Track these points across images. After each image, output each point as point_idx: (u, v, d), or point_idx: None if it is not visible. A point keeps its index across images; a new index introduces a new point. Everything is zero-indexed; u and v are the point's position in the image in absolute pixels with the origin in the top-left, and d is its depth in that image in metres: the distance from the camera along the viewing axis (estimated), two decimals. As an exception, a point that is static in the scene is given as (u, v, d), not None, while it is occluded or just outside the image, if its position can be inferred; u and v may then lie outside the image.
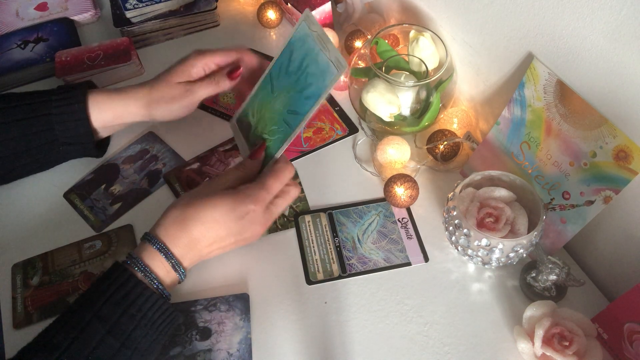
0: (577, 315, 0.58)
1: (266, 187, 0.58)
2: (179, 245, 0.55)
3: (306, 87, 0.57)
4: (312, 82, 0.56)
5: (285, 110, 0.59)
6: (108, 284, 0.52)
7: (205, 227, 0.55)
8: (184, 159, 0.77)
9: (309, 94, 0.57)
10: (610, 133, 0.54)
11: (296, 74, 0.58)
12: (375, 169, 0.75)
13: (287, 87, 0.60)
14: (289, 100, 0.59)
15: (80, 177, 0.75)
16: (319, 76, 0.56)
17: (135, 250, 0.55)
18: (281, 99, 0.60)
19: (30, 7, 0.97)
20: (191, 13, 0.92)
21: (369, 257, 0.67)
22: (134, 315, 0.51)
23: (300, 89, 0.58)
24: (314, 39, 0.56)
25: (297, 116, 0.58)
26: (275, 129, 0.60)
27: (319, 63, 0.56)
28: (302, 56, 0.58)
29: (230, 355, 0.59)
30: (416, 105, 0.75)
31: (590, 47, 0.52)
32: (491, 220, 0.61)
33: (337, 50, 0.54)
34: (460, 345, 0.60)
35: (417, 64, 0.74)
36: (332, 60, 0.54)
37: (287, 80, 0.60)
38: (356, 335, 0.61)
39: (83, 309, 0.50)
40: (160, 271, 0.54)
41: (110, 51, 0.85)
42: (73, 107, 0.66)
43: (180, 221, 0.55)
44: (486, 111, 0.74)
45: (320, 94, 0.55)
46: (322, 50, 0.55)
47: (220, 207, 0.55)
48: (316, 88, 0.56)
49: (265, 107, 0.62)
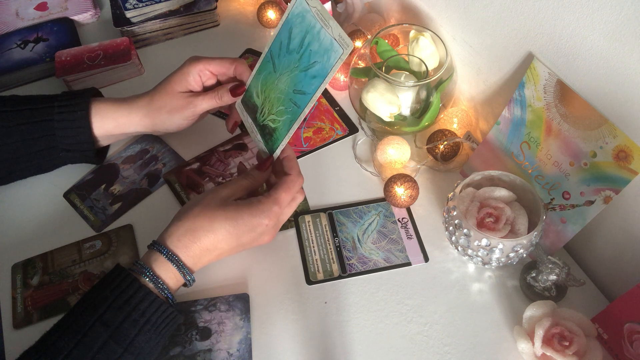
0: (577, 315, 0.58)
1: (279, 202, 0.58)
2: (190, 255, 0.55)
3: (310, 65, 0.55)
4: (316, 61, 0.55)
5: (291, 90, 0.58)
6: (112, 288, 0.51)
7: (217, 239, 0.55)
8: (184, 159, 0.77)
9: (315, 72, 0.55)
10: (610, 133, 0.54)
11: (298, 52, 0.57)
12: (375, 169, 0.75)
13: (290, 65, 0.58)
14: (294, 80, 0.57)
15: (80, 177, 0.75)
16: (322, 54, 0.54)
17: (143, 258, 0.55)
18: (285, 78, 0.58)
19: (30, 7, 0.97)
20: (191, 13, 0.92)
21: (369, 257, 0.67)
22: (137, 320, 0.50)
23: (305, 68, 0.56)
24: (314, 15, 0.54)
25: (305, 96, 0.56)
26: (283, 109, 0.59)
27: (322, 41, 0.54)
28: (302, 33, 0.56)
29: (230, 355, 0.59)
30: (416, 105, 0.75)
31: (590, 47, 0.52)
32: (491, 220, 0.61)
33: (339, 27, 0.52)
34: (460, 345, 0.60)
35: (417, 64, 0.74)
36: (336, 37, 0.52)
37: (289, 59, 0.58)
38: (356, 335, 0.61)
39: (86, 313, 0.50)
40: (170, 281, 0.54)
41: (110, 51, 0.85)
42: (75, 114, 0.66)
43: (192, 231, 0.55)
44: (486, 111, 0.74)
45: (326, 74, 0.54)
46: (324, 27, 0.53)
47: (233, 221, 0.55)
48: (321, 67, 0.54)
49: (270, 87, 0.61)
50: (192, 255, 0.55)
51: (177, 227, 0.56)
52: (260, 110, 0.62)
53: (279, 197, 0.58)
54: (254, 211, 0.56)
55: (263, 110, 0.62)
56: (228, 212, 0.56)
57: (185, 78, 0.67)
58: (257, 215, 0.56)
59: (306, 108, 0.56)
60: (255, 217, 0.56)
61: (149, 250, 0.56)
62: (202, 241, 0.55)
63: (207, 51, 0.91)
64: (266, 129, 0.62)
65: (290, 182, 0.59)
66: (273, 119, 0.60)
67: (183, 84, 0.67)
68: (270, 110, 0.61)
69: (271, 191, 0.58)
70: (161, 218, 0.70)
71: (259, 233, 0.57)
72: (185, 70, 0.67)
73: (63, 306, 0.63)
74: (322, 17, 0.54)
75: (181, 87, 0.67)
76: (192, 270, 0.56)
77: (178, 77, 0.67)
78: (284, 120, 0.59)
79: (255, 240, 0.58)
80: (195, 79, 0.67)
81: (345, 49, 0.52)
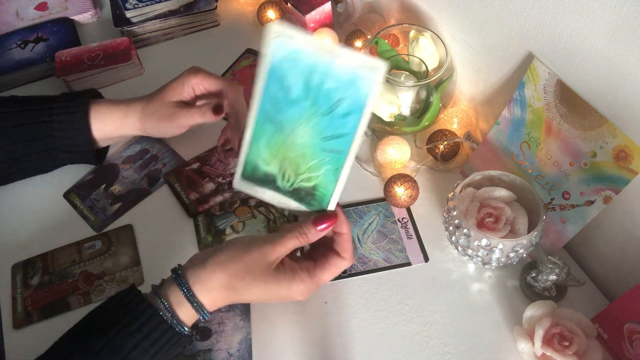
0: (577, 315, 0.58)
1: (319, 283, 0.51)
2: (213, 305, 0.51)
3: (335, 105, 0.48)
4: (341, 97, 0.47)
5: (318, 140, 0.49)
6: (124, 312, 0.49)
7: (247, 299, 0.52)
8: (184, 159, 0.77)
9: (345, 110, 0.47)
10: (610, 133, 0.54)
11: (307, 99, 0.48)
12: (375, 169, 0.75)
13: (303, 116, 0.49)
14: (318, 127, 0.49)
15: (80, 177, 0.75)
16: (347, 88, 0.46)
17: (163, 291, 0.51)
18: (303, 131, 0.50)
19: (30, 7, 0.97)
20: (191, 13, 0.92)
21: (369, 257, 0.67)
22: (147, 350, 0.48)
23: (327, 111, 0.48)
24: (313, 52, 0.46)
25: (343, 138, 0.48)
26: (317, 162, 0.51)
27: (337, 75, 0.46)
28: (303, 76, 0.47)
29: (230, 355, 0.59)
30: (416, 105, 0.75)
31: (590, 47, 0.52)
32: (491, 220, 0.61)
33: (354, 52, 0.45)
34: (460, 345, 0.60)
35: (417, 64, 0.74)
36: (359, 64, 0.45)
37: (296, 110, 0.49)
38: (356, 335, 0.61)
39: (95, 335, 0.48)
40: (185, 317, 0.51)
41: (110, 51, 0.85)
42: (74, 115, 0.66)
43: (225, 289, 0.50)
44: (486, 111, 0.74)
45: (363, 106, 0.46)
46: (334, 59, 0.45)
47: (269, 292, 0.50)
48: (353, 101, 0.47)
49: (283, 147, 0.51)
50: (216, 303, 0.52)
51: (210, 276, 0.50)
52: (282, 176, 0.52)
53: (322, 277, 0.51)
54: (294, 289, 0.50)
55: (285, 175, 0.52)
56: (268, 284, 0.50)
57: (180, 88, 0.67)
58: (294, 292, 0.51)
59: (351, 151, 0.48)
60: (292, 293, 0.51)
61: (170, 284, 0.51)
62: (232, 298, 0.51)
63: (207, 51, 0.92)
64: (302, 192, 0.52)
65: (341, 265, 0.52)
66: (307, 178, 0.52)
67: (176, 94, 0.67)
68: (297, 171, 0.52)
69: (317, 270, 0.51)
70: (161, 218, 0.71)
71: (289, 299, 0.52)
72: (182, 80, 0.67)
73: (63, 306, 0.63)
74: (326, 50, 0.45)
75: (174, 96, 0.67)
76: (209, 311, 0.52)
77: (174, 86, 0.67)
78: (325, 173, 0.51)
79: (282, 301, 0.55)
80: (188, 90, 0.67)
81: (376, 72, 0.44)
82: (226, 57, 0.90)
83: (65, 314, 0.63)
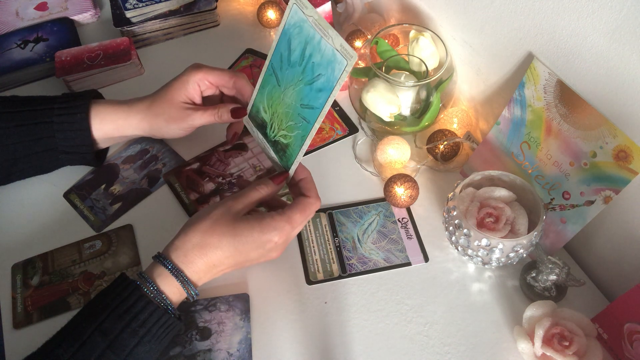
0: (577, 315, 0.58)
1: (292, 222, 0.56)
2: (195, 271, 0.54)
3: (315, 79, 0.53)
4: (320, 73, 0.52)
5: (298, 105, 0.56)
6: (112, 297, 0.51)
7: (225, 255, 0.54)
8: (184, 159, 0.77)
9: (320, 86, 0.53)
10: (610, 133, 0.54)
11: (300, 65, 0.54)
12: (375, 169, 0.75)
13: (294, 79, 0.56)
14: (300, 94, 0.55)
15: (80, 177, 0.75)
16: (326, 66, 0.52)
17: (147, 271, 0.54)
18: (291, 92, 0.56)
19: (30, 6, 0.97)
20: (191, 13, 0.92)
21: (369, 257, 0.67)
22: (136, 331, 0.49)
23: (309, 81, 0.54)
24: (312, 25, 0.52)
25: (313, 110, 0.54)
26: (293, 124, 0.57)
27: (323, 52, 0.51)
28: (302, 45, 0.54)
29: (230, 355, 0.59)
30: (416, 105, 0.75)
31: (590, 47, 0.52)
32: (491, 220, 0.61)
33: (340, 37, 0.50)
34: (460, 345, 0.60)
35: (417, 64, 0.74)
36: (338, 48, 0.50)
37: (291, 72, 0.56)
38: (356, 335, 0.61)
39: (85, 322, 0.49)
40: (173, 295, 0.53)
41: (110, 51, 0.85)
42: (75, 116, 0.65)
43: (200, 247, 0.54)
44: (486, 111, 0.74)
45: (332, 87, 0.51)
46: (324, 37, 0.51)
47: (243, 237, 0.54)
48: (326, 80, 0.52)
49: (277, 101, 0.59)
50: (198, 270, 0.54)
51: (184, 241, 0.54)
52: (270, 126, 0.61)
53: (293, 216, 0.56)
54: (265, 228, 0.55)
55: (272, 126, 0.60)
56: (238, 229, 0.54)
57: (185, 86, 0.66)
58: (267, 232, 0.55)
59: (316, 123, 0.54)
60: (265, 234, 0.55)
61: (153, 263, 0.54)
62: (209, 257, 0.54)
63: (207, 51, 0.92)
64: (278, 145, 0.60)
65: (308, 204, 0.57)
66: (284, 135, 0.59)
67: (182, 93, 0.66)
68: (280, 126, 0.59)
69: (286, 209, 0.57)
70: (161, 218, 0.71)
71: (268, 250, 0.56)
72: (185, 78, 0.66)
73: (63, 306, 0.63)
74: (321, 27, 0.51)
75: (181, 96, 0.66)
76: (196, 285, 0.55)
77: (178, 85, 0.66)
78: (296, 136, 0.57)
79: (263, 256, 0.57)
80: (194, 87, 0.66)
81: (349, 60, 0.49)
82: (226, 57, 0.90)
83: (65, 314, 0.63)
